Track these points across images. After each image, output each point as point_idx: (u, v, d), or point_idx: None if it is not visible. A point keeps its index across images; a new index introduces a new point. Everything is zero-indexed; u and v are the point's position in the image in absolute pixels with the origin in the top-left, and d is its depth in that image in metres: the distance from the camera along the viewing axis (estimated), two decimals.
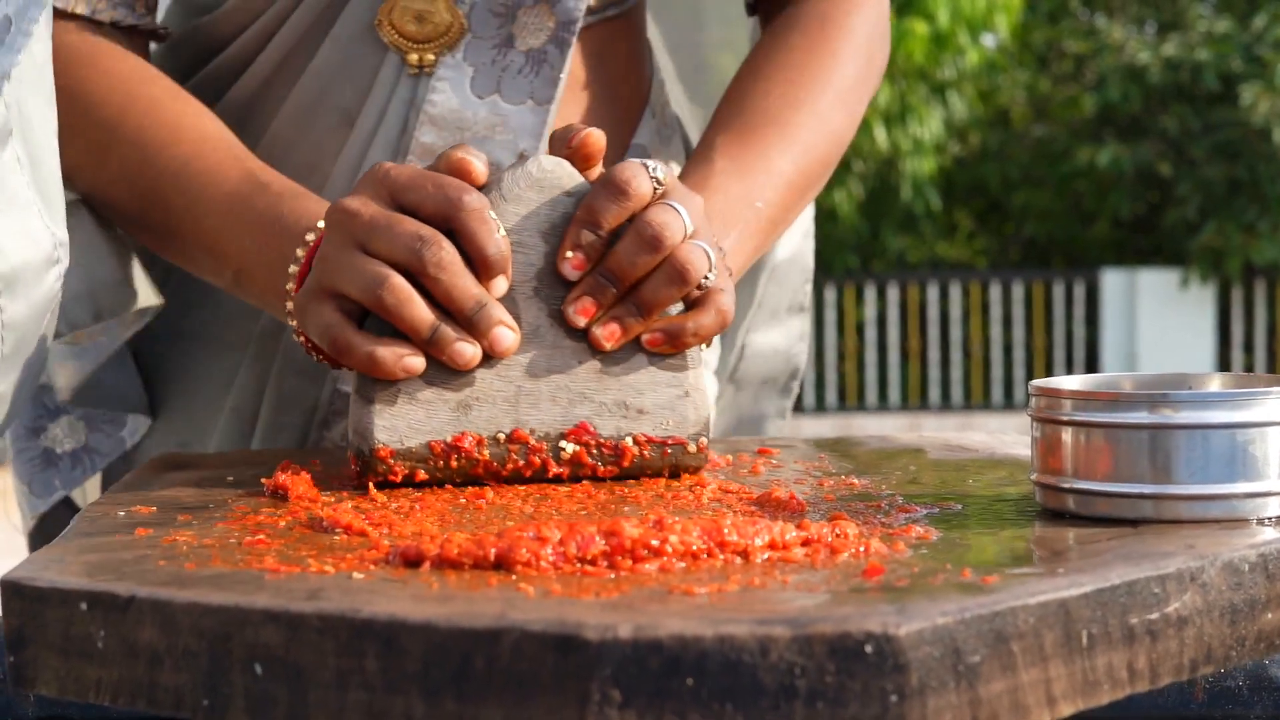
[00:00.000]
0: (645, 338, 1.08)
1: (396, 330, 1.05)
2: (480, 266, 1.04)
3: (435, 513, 0.96)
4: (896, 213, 14.52)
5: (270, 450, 1.34)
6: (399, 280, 1.03)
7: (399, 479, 1.05)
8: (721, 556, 0.79)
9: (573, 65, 1.38)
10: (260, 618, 0.70)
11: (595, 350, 1.08)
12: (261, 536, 0.88)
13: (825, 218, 13.83)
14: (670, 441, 1.09)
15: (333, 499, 1.01)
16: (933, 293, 13.55)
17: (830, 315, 13.49)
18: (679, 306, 1.10)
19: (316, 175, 1.34)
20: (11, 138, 1.02)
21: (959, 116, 14.65)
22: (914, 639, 0.65)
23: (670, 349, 1.09)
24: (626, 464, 1.08)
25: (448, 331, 1.04)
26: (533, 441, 1.07)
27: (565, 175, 1.09)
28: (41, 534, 1.46)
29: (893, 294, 13.58)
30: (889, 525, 0.88)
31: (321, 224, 1.13)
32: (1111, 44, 14.31)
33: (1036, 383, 0.93)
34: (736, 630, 0.64)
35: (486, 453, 1.06)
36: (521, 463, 1.07)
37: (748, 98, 1.35)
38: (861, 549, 0.81)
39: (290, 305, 1.14)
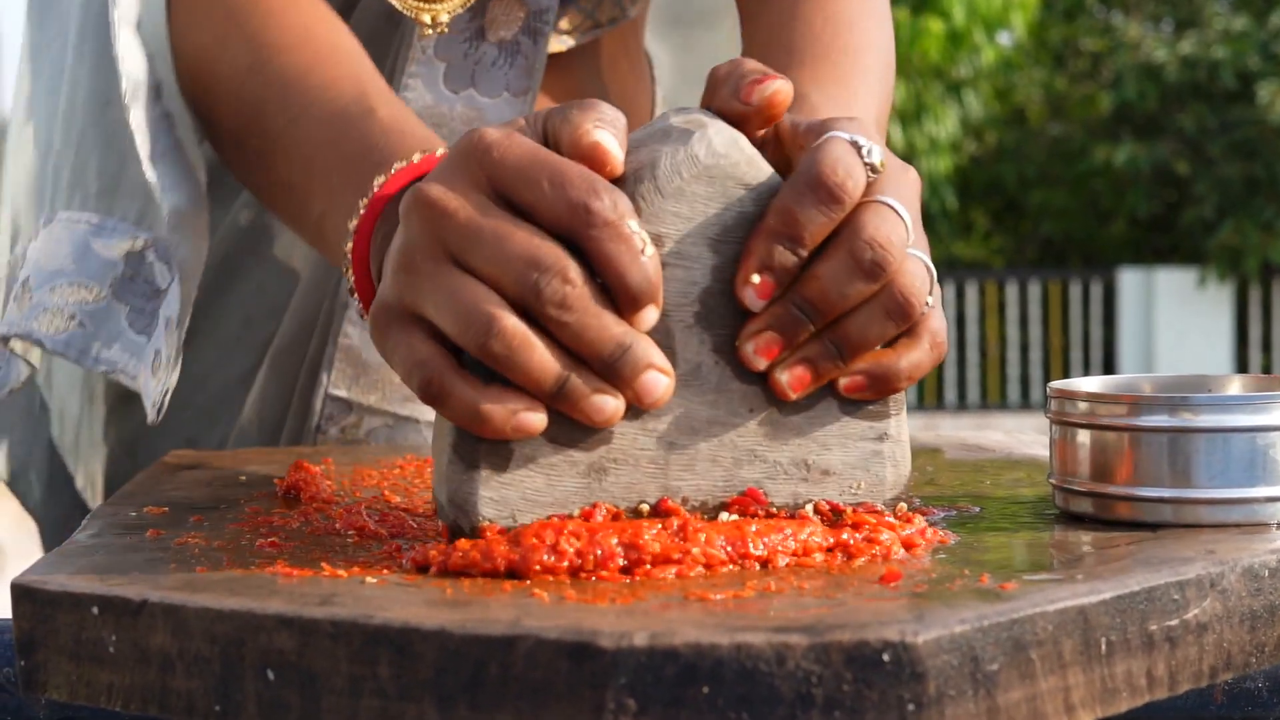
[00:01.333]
0: (843, 383, 0.84)
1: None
2: (622, 299, 0.78)
3: None
4: None
5: (283, 449, 1.34)
6: (512, 324, 0.77)
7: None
8: (741, 566, 0.78)
9: (577, 82, 1.37)
10: (273, 623, 0.70)
11: (772, 398, 0.84)
12: (274, 539, 0.87)
13: None
14: (862, 510, 0.86)
15: (346, 500, 1.00)
16: (949, 292, 13.54)
17: None
18: None
19: None
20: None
21: (975, 115, 14.66)
22: (932, 647, 0.64)
23: (874, 395, 0.85)
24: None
25: (579, 385, 0.78)
26: (685, 514, 0.82)
27: (744, 161, 0.82)
28: (50, 529, 1.47)
29: None
30: (906, 529, 0.87)
31: (399, 164, 0.96)
32: (1128, 42, 14.32)
33: (1055, 384, 0.93)
34: (753, 638, 0.63)
35: None
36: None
37: (795, 35, 1.15)
38: (879, 554, 0.80)
39: (357, 305, 0.98)
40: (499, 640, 0.65)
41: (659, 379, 0.79)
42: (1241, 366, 13.17)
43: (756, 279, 0.81)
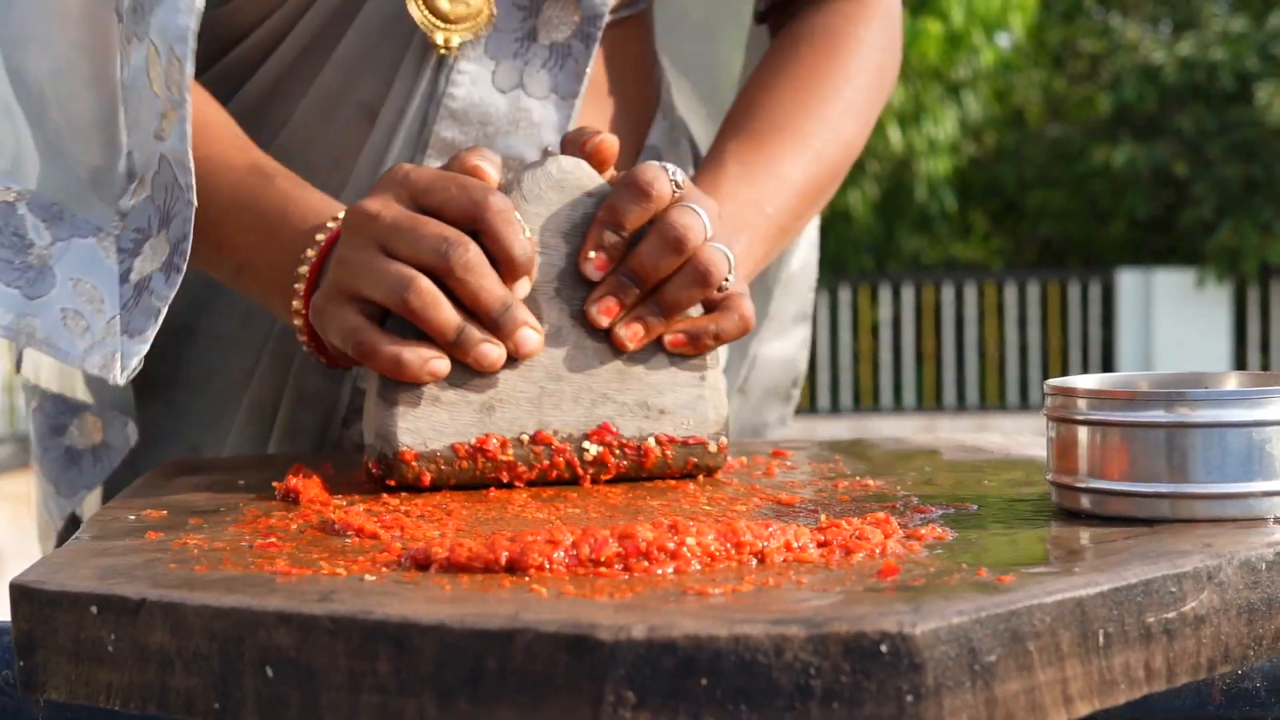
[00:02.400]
0: (668, 338, 1.09)
1: (418, 332, 1.04)
2: (506, 268, 1.04)
3: (449, 515, 0.96)
4: (911, 213, 14.52)
5: (281, 453, 1.34)
6: (426, 283, 1.03)
7: (426, 483, 1.05)
8: (737, 558, 0.78)
9: (596, 67, 1.37)
10: (272, 620, 0.70)
11: (616, 351, 1.09)
12: (273, 539, 0.87)
13: (840, 218, 13.84)
14: (691, 441, 1.09)
15: (344, 502, 1.01)
16: (948, 293, 13.54)
17: (845, 316, 13.49)
18: (698, 309, 1.10)
19: (339, 171, 1.31)
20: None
21: (974, 116, 14.65)
22: (929, 638, 0.64)
23: (692, 350, 1.09)
24: (649, 464, 1.08)
25: (473, 333, 1.04)
26: (556, 443, 1.07)
27: (585, 176, 1.09)
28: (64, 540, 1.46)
29: (908, 295, 13.57)
30: (904, 525, 0.87)
31: (332, 223, 1.13)
32: (1127, 43, 14.31)
33: (1052, 382, 0.93)
34: (751, 630, 0.64)
35: (511, 453, 1.06)
36: (546, 464, 1.06)
37: (758, 106, 1.35)
38: (877, 549, 0.80)
39: (297, 304, 1.13)
40: (498, 634, 0.65)
41: (532, 335, 1.06)
42: (1240, 367, 13.14)
43: (593, 255, 1.08)
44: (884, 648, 0.64)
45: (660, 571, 0.76)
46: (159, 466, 1.23)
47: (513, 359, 1.06)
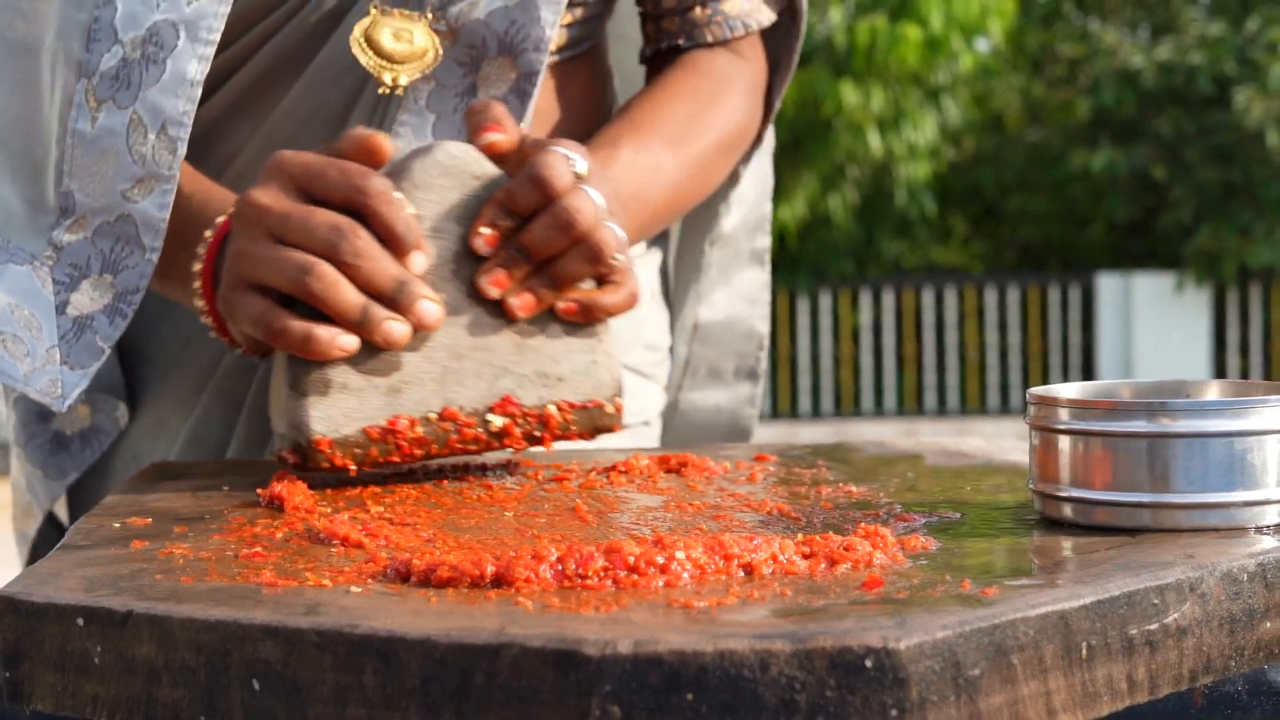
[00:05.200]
0: (560, 306, 1.12)
1: (324, 318, 1.06)
2: (393, 245, 1.07)
3: (433, 523, 0.96)
4: (891, 218, 14.53)
5: (264, 459, 1.34)
6: (325, 267, 1.06)
7: (351, 471, 1.08)
8: (725, 571, 0.78)
9: (539, 95, 1.40)
10: (258, 633, 0.70)
11: (512, 325, 1.12)
12: (258, 549, 0.87)
13: (820, 223, 13.85)
14: (590, 405, 1.13)
15: (329, 509, 1.01)
16: (928, 298, 13.54)
17: (826, 321, 13.49)
18: (590, 282, 1.13)
19: None
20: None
21: (953, 121, 14.66)
22: (914, 653, 0.65)
23: (583, 319, 1.13)
24: (553, 429, 1.12)
25: (377, 310, 1.06)
26: (463, 418, 1.10)
27: (473, 161, 1.12)
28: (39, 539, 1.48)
29: (888, 299, 13.58)
30: (887, 536, 0.87)
31: (220, 219, 1.17)
32: (1105, 48, 14.33)
33: (1035, 391, 0.93)
34: (736, 645, 0.64)
35: (420, 431, 1.09)
36: (454, 438, 1.09)
37: (655, 112, 1.42)
38: (862, 561, 0.80)
39: (200, 303, 1.17)
40: (484, 648, 0.66)
41: (431, 306, 1.08)
42: (1219, 370, 13.18)
43: (485, 231, 1.10)
44: (869, 662, 0.64)
45: (647, 583, 0.76)
46: (144, 469, 1.23)
47: (414, 341, 1.08)
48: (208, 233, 1.17)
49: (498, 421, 1.10)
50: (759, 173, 1.62)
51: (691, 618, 0.69)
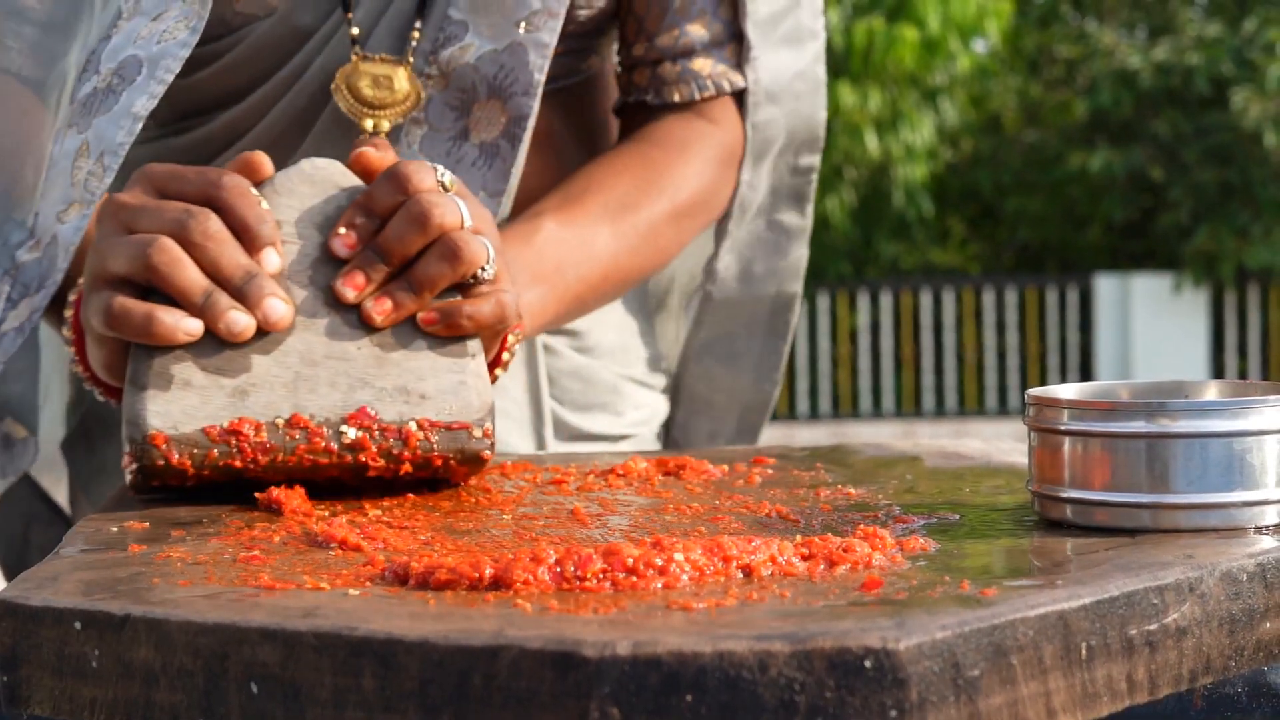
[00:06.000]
0: (420, 316, 1.07)
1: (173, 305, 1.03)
2: (245, 236, 1.04)
3: (428, 527, 0.96)
4: (889, 219, 14.55)
5: None
6: (167, 241, 1.02)
7: (189, 475, 1.02)
8: (724, 573, 0.78)
9: (545, 121, 1.41)
10: (256, 636, 0.70)
11: (374, 336, 1.07)
12: (256, 552, 0.87)
13: (817, 225, 13.79)
14: (455, 426, 1.05)
15: (326, 512, 1.00)
16: (926, 299, 13.55)
17: (823, 322, 13.50)
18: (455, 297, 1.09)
19: None
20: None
21: (950, 122, 14.69)
22: (913, 653, 0.65)
23: (444, 330, 1.07)
24: (411, 447, 1.04)
25: (221, 297, 1.02)
26: (313, 425, 1.03)
27: (338, 173, 1.10)
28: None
29: (886, 301, 13.59)
30: (886, 537, 0.87)
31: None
32: (1102, 48, 14.34)
33: (1033, 392, 0.93)
34: (735, 646, 0.64)
35: (265, 437, 1.02)
36: (303, 447, 1.03)
37: (594, 182, 1.39)
38: (861, 562, 0.80)
39: (67, 332, 1.15)
40: (482, 651, 0.66)
41: (279, 305, 1.04)
42: (1217, 371, 13.19)
43: (342, 232, 1.07)
44: (868, 663, 0.64)
45: (646, 585, 0.76)
46: None
47: (266, 344, 1.04)
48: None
49: (351, 433, 1.03)
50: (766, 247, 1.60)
51: (690, 619, 0.69)
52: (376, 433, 1.04)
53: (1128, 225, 14.76)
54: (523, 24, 1.32)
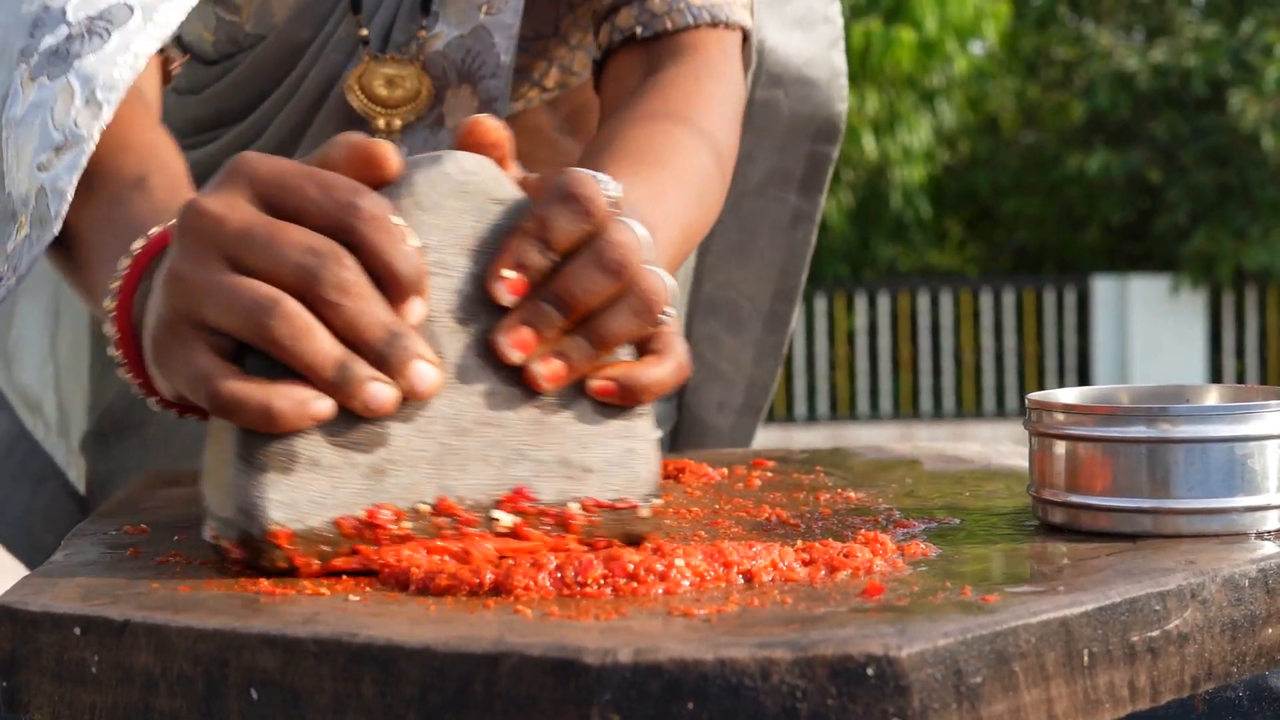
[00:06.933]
0: (594, 385, 0.87)
1: (287, 368, 0.81)
2: (391, 288, 0.82)
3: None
4: (886, 221, 14.55)
5: None
6: (293, 306, 0.80)
7: (313, 569, 0.83)
8: (725, 579, 0.78)
9: (539, 119, 1.42)
10: (256, 642, 0.70)
11: (531, 395, 0.87)
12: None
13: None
14: (620, 505, 0.89)
15: None
16: (923, 301, 13.55)
17: (821, 324, 13.50)
18: (627, 350, 0.90)
19: None
20: None
21: (948, 124, 14.68)
22: (916, 661, 0.64)
23: (620, 401, 0.88)
24: (574, 533, 0.88)
25: (359, 369, 0.81)
26: (462, 512, 0.86)
27: (491, 178, 0.88)
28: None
29: (883, 303, 13.59)
30: (887, 542, 0.87)
31: (155, 229, 0.96)
32: (1100, 50, 14.34)
33: (1034, 396, 0.93)
34: (737, 653, 0.64)
35: (407, 527, 0.84)
36: (449, 534, 0.86)
37: (635, 141, 1.24)
38: (862, 568, 0.80)
39: (113, 331, 0.95)
40: (483, 657, 0.65)
41: (428, 369, 0.82)
42: (1215, 373, 13.19)
43: (510, 274, 0.85)
44: (870, 670, 0.64)
45: (647, 591, 0.76)
46: (138, 478, 1.22)
47: (407, 409, 0.84)
48: (137, 243, 0.95)
49: (506, 520, 0.86)
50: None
51: (691, 626, 0.69)
52: (534, 517, 0.87)
53: (1125, 227, 14.77)
54: (484, 7, 1.32)
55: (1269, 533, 0.87)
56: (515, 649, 0.65)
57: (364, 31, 1.33)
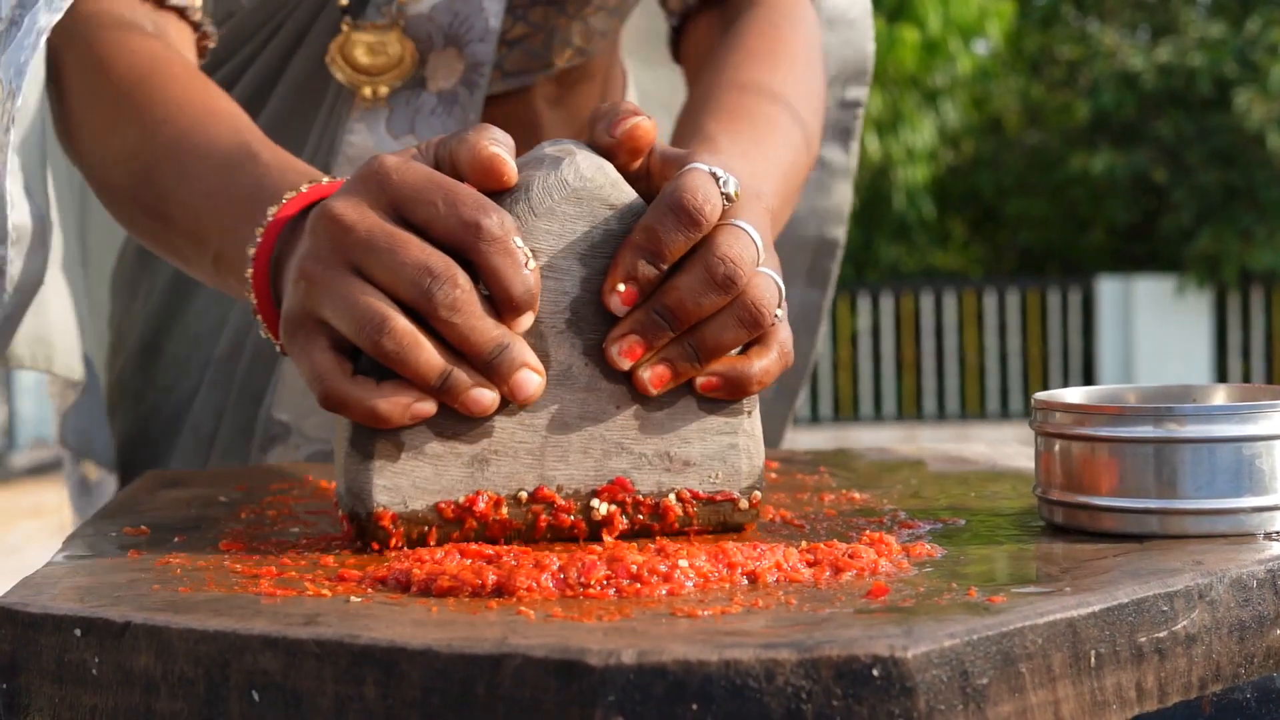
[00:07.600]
0: (700, 381, 0.92)
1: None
2: (504, 307, 0.88)
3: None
4: (890, 222, 14.54)
5: (258, 466, 1.33)
6: (401, 324, 0.86)
7: (403, 545, 0.90)
8: (729, 580, 0.78)
9: (544, 108, 1.41)
10: (257, 644, 0.70)
11: (636, 393, 0.92)
12: (257, 558, 0.87)
13: None
14: (719, 497, 0.93)
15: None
16: (927, 302, 13.54)
17: (824, 325, 13.47)
18: None
19: None
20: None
21: (952, 124, 14.68)
22: (921, 662, 0.64)
23: (728, 396, 0.92)
24: (669, 523, 0.92)
25: (461, 378, 0.87)
26: (560, 500, 0.91)
27: (608, 184, 0.91)
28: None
29: (887, 304, 13.59)
30: (892, 543, 0.87)
31: (289, 194, 1.00)
32: (1104, 50, 14.33)
33: (1040, 396, 0.92)
34: (742, 655, 0.63)
35: (505, 513, 0.90)
36: (545, 520, 0.91)
37: (732, 88, 1.24)
38: (867, 569, 0.80)
39: (251, 297, 1.00)
40: (486, 659, 0.65)
41: (531, 377, 0.88)
42: (1221, 374, 13.19)
43: (622, 288, 0.90)
44: (876, 671, 0.63)
45: (650, 592, 0.76)
46: (139, 480, 1.22)
47: (513, 405, 0.90)
48: (271, 209, 1.00)
49: (602, 509, 0.91)
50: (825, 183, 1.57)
51: (696, 627, 0.68)
52: (631, 507, 0.92)
53: (1130, 227, 14.76)
54: None
55: (1277, 533, 0.86)
56: (518, 650, 0.65)
57: (344, 1, 1.32)
